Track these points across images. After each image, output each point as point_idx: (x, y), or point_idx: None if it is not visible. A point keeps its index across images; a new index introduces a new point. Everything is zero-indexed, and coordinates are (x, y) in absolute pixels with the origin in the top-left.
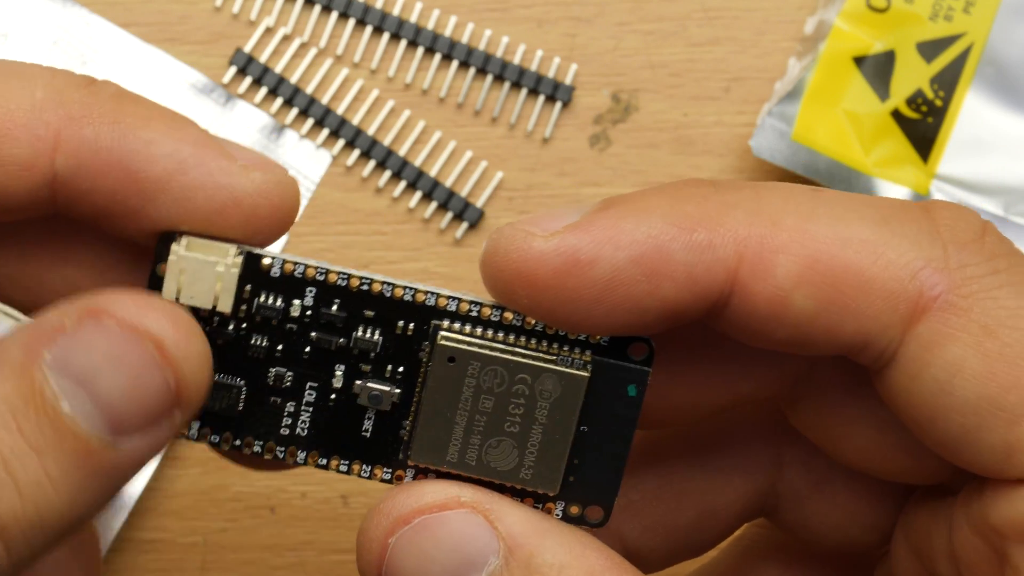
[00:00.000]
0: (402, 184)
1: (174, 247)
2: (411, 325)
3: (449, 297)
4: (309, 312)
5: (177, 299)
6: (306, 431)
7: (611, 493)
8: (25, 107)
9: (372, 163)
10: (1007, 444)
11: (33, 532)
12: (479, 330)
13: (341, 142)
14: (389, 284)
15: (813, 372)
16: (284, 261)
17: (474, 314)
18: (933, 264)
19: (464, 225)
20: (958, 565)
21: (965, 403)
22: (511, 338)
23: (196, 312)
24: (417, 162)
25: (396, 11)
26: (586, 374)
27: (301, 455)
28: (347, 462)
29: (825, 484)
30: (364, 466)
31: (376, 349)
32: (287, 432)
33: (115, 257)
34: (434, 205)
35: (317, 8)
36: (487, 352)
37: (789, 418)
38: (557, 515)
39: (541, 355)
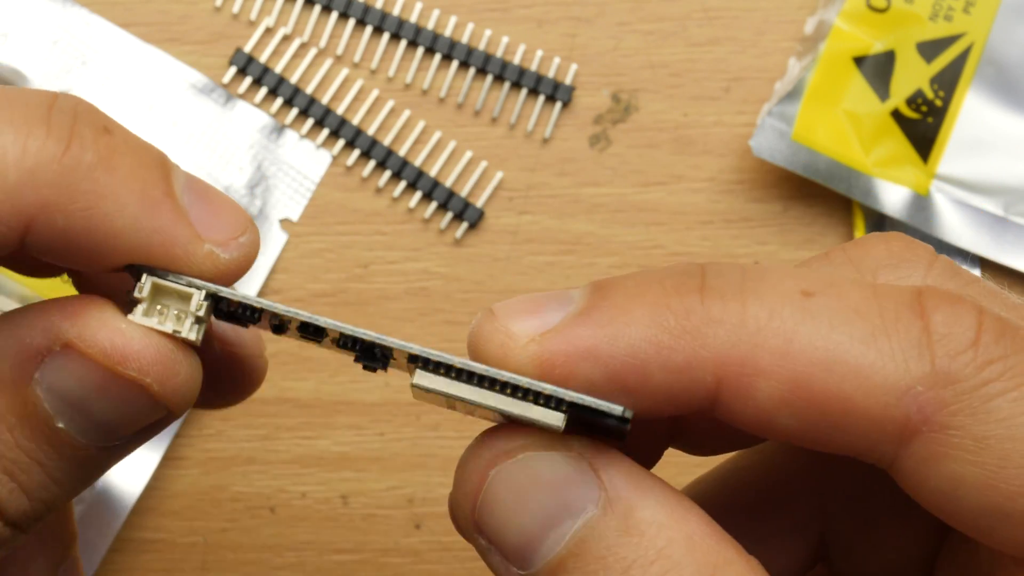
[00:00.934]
0: (402, 184)
1: (137, 300)
2: (379, 351)
3: (419, 352)
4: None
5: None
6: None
7: None
8: None
9: (372, 163)
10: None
11: (43, 515)
12: (452, 374)
13: (341, 142)
14: (355, 336)
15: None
16: (250, 305)
17: (442, 369)
18: (921, 384)
19: (464, 225)
20: None
21: (973, 511)
22: (485, 384)
23: None
24: (417, 162)
25: (396, 11)
26: (560, 426)
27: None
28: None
29: (872, 526)
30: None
31: (355, 351)
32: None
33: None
34: (434, 205)
35: (317, 8)
36: (459, 395)
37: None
38: None
39: (514, 402)
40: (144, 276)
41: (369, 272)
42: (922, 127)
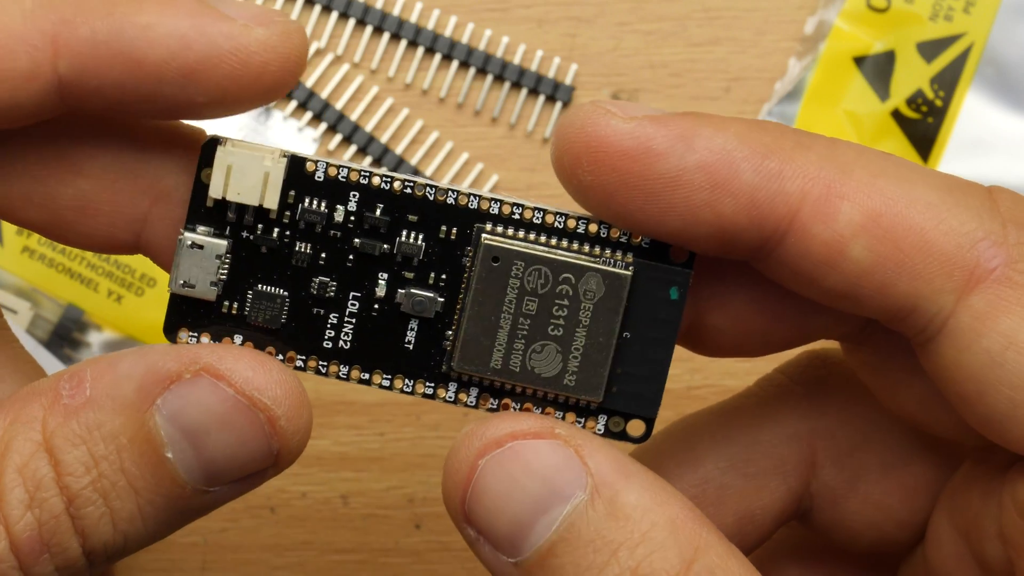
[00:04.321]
0: None
1: (219, 148)
2: (454, 230)
3: (492, 199)
4: (353, 218)
5: (224, 197)
6: (348, 344)
7: (654, 405)
8: (17, 18)
9: (369, 160)
10: None
11: (116, 554)
12: (521, 232)
13: (338, 137)
14: (432, 187)
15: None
16: (328, 164)
17: (516, 216)
18: (992, 237)
19: None
20: (1006, 546)
21: (1015, 376)
22: (553, 240)
23: (240, 213)
24: (414, 161)
25: (396, 11)
26: (628, 273)
27: (343, 369)
28: (389, 376)
29: (859, 482)
30: (406, 381)
31: (419, 255)
32: (330, 345)
33: (127, 166)
34: None
35: (317, 8)
36: (531, 251)
37: (850, 362)
38: (598, 430)
39: (583, 257)
40: (224, 140)
41: None
42: (922, 127)
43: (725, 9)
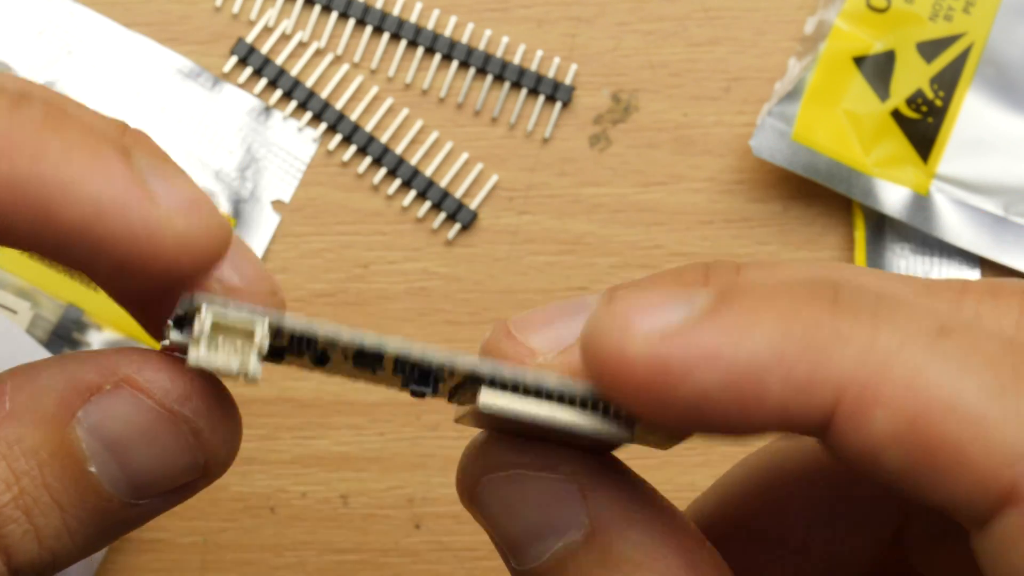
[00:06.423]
0: (397, 182)
1: (191, 349)
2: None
3: (489, 372)
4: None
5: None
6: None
7: None
8: None
9: (368, 160)
10: None
11: (46, 572)
12: (521, 391)
13: (338, 137)
14: (420, 362)
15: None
16: (314, 336)
17: (511, 382)
18: None
19: (457, 226)
20: None
21: None
22: (555, 399)
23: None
24: (413, 161)
25: (396, 11)
26: (629, 437)
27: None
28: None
29: (948, 538)
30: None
31: (407, 377)
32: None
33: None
34: (427, 204)
35: (317, 8)
36: (526, 412)
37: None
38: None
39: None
40: (204, 308)
41: (369, 272)
42: (922, 127)
43: (725, 9)
